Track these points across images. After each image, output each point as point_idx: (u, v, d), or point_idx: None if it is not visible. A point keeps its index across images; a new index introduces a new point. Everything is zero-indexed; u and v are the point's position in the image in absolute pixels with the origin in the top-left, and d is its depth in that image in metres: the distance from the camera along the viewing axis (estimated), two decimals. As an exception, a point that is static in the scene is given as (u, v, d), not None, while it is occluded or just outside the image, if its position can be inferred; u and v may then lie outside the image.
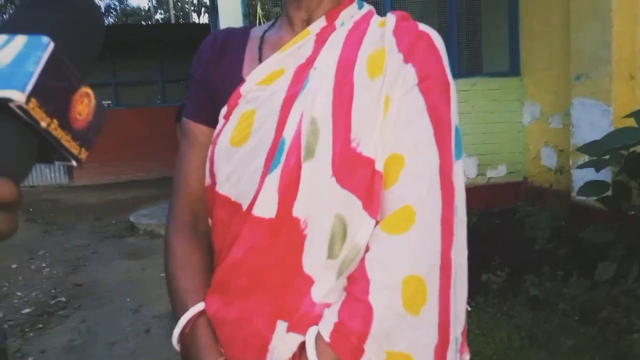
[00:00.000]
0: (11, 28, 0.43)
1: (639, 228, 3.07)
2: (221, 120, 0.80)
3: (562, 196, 4.23)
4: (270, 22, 0.90)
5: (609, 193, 3.19)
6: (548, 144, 4.64)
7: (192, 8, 21.38)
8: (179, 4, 21.17)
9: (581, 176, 3.64)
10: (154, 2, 21.12)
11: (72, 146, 0.42)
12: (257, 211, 0.72)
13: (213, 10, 5.57)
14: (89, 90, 0.43)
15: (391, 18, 0.78)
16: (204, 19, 20.20)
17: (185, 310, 0.76)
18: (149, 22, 21.46)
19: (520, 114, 4.90)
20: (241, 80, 0.81)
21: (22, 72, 0.38)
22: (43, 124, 0.39)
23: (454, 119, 0.74)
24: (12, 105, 0.38)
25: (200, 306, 0.77)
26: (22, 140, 0.40)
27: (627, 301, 2.75)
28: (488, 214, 4.43)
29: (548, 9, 4.47)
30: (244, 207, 0.75)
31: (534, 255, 3.62)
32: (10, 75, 0.38)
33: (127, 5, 24.45)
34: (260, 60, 0.82)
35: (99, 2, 22.02)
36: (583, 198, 3.57)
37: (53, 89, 0.40)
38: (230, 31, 0.91)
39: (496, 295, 3.17)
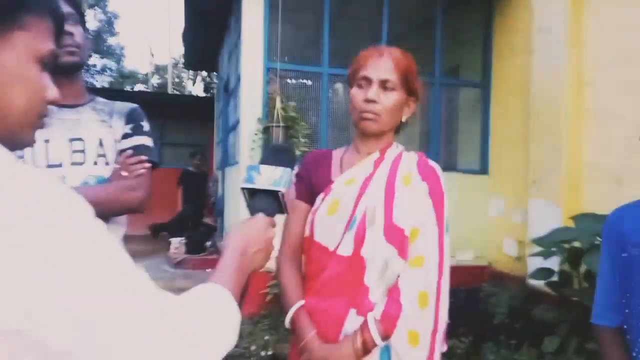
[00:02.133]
0: (272, 162, 1.10)
1: (579, 310, 3.74)
2: (319, 201, 1.46)
3: (519, 280, 4.92)
4: (344, 148, 1.58)
5: (555, 278, 3.88)
6: (509, 235, 5.39)
7: (188, 77, 22.71)
8: (175, 71, 22.41)
9: (534, 264, 4.35)
10: (153, 68, 22.36)
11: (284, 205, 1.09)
12: (340, 251, 1.36)
13: (232, 94, 6.35)
14: None
15: (414, 156, 1.47)
16: (199, 87, 21.54)
17: (293, 305, 1.39)
18: (146, 85, 22.67)
19: (487, 207, 5.69)
20: (330, 181, 1.47)
21: (285, 181, 1.06)
22: (282, 200, 1.07)
23: (446, 212, 1.41)
24: (279, 192, 1.05)
25: (301, 302, 1.39)
26: (277, 202, 1.07)
27: (566, 369, 3.37)
28: (456, 291, 4.99)
29: (513, 123, 5.38)
30: (331, 249, 1.39)
31: (493, 327, 4.25)
32: (280, 181, 1.06)
33: (123, 68, 25.65)
34: (341, 170, 1.49)
35: (96, 63, 23.30)
36: (536, 282, 4.25)
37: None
38: (319, 152, 1.59)
39: (460, 358, 3.75)
